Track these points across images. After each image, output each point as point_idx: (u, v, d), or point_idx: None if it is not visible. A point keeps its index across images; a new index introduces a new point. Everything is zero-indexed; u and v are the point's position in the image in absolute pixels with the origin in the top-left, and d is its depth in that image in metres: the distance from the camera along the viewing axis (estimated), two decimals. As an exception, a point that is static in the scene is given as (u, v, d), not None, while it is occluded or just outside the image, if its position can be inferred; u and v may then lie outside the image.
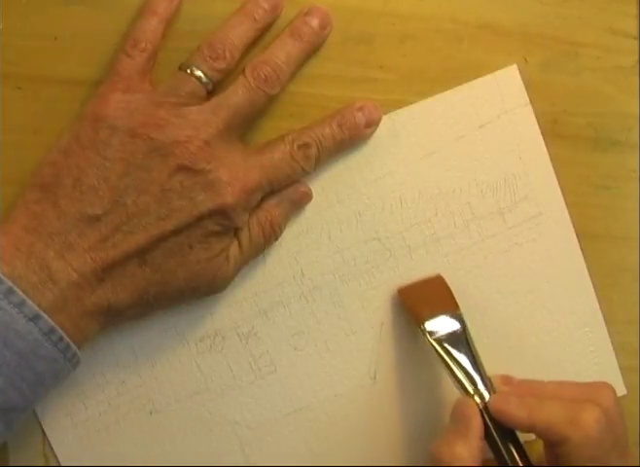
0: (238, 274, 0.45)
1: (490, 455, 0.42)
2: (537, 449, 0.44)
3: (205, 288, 0.43)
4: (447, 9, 0.47)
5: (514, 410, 0.41)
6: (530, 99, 0.47)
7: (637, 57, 0.48)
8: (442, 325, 0.44)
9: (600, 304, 0.49)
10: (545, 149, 0.48)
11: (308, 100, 0.46)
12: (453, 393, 0.47)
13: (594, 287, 0.49)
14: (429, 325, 0.44)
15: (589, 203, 0.49)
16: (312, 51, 0.45)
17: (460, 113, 0.47)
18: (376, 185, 0.47)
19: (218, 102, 0.41)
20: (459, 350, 0.43)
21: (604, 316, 0.49)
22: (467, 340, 0.44)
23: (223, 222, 0.41)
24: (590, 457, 0.39)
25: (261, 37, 0.45)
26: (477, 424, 0.41)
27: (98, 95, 0.42)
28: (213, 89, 0.42)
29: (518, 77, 0.47)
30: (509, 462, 0.41)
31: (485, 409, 0.41)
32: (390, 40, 0.46)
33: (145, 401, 0.46)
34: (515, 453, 0.41)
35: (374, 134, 0.46)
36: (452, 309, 0.45)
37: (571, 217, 0.48)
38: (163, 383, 0.46)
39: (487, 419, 0.41)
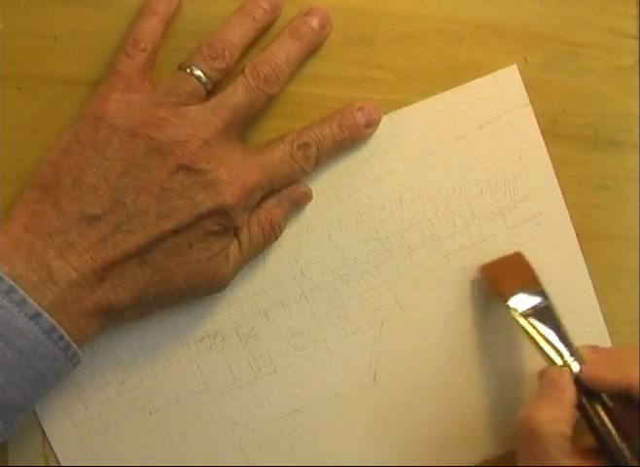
0: (238, 274, 0.45)
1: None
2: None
3: (205, 288, 0.43)
4: (447, 9, 0.47)
5: (607, 373, 0.42)
6: (530, 99, 0.47)
7: (637, 57, 0.48)
8: (525, 300, 0.45)
9: (600, 304, 0.49)
10: (545, 149, 0.48)
11: (308, 100, 0.46)
12: (453, 392, 0.48)
13: (594, 287, 0.49)
14: (513, 301, 0.44)
15: (589, 203, 0.49)
16: (312, 50, 0.45)
17: (460, 113, 0.47)
18: (376, 185, 0.47)
19: (218, 102, 0.41)
20: (545, 324, 0.44)
21: (604, 316, 0.49)
22: (552, 313, 0.44)
23: (222, 221, 0.41)
24: None
25: (261, 37, 0.45)
26: (571, 392, 0.42)
27: (98, 95, 0.42)
28: (213, 89, 0.42)
29: (518, 77, 0.47)
30: (601, 429, 0.41)
31: (576, 378, 0.42)
32: (390, 40, 0.46)
33: (145, 401, 0.46)
34: (608, 420, 0.41)
35: (374, 134, 0.46)
36: (535, 285, 0.45)
37: (571, 217, 0.48)
38: (163, 383, 0.46)
39: (579, 388, 0.42)
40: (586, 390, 0.42)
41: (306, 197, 0.46)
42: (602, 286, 0.49)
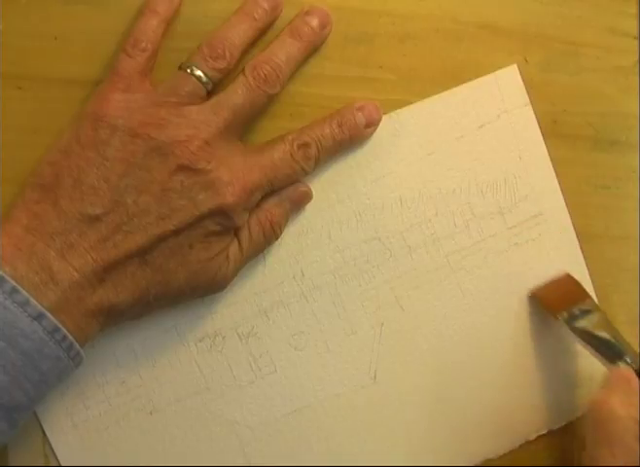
0: (238, 274, 0.45)
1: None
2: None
3: (205, 287, 0.43)
4: (447, 9, 0.47)
5: None
6: (530, 99, 0.47)
7: (637, 57, 0.48)
8: (579, 315, 0.46)
9: (600, 304, 0.49)
10: (545, 149, 0.48)
11: (308, 100, 0.46)
12: (453, 392, 0.47)
13: (594, 287, 0.49)
14: (568, 317, 0.46)
15: (589, 203, 0.49)
16: (312, 50, 0.45)
17: (460, 113, 0.47)
18: (376, 185, 0.47)
19: (218, 101, 0.42)
20: (601, 333, 0.45)
21: (604, 316, 0.49)
22: (605, 322, 0.46)
23: (223, 222, 0.41)
24: None
25: (261, 37, 0.45)
26: (637, 382, 0.43)
27: (98, 95, 0.41)
28: (213, 89, 0.43)
29: (518, 77, 0.47)
30: None
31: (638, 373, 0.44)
32: (390, 40, 0.46)
33: (145, 401, 0.46)
34: None
35: (374, 134, 0.46)
36: (585, 299, 0.47)
37: (571, 217, 0.48)
38: (163, 383, 0.46)
39: None
40: None
41: (307, 196, 0.46)
42: (602, 286, 0.49)
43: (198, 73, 0.42)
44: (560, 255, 0.48)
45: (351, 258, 0.47)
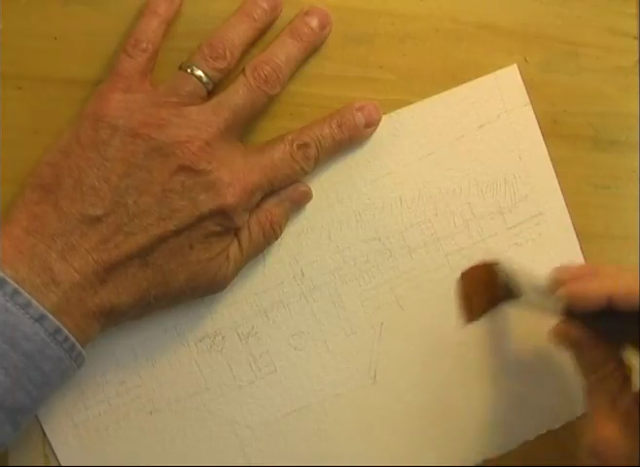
0: (238, 274, 0.45)
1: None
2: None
3: (205, 288, 0.43)
4: (447, 9, 0.47)
5: (591, 288, 0.40)
6: (530, 99, 0.47)
7: (637, 57, 0.48)
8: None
9: (600, 303, 0.49)
10: (545, 149, 0.48)
11: (308, 100, 0.46)
12: (453, 392, 0.47)
13: (594, 287, 0.49)
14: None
15: (589, 203, 0.49)
16: (312, 50, 0.45)
17: (460, 113, 0.47)
18: (376, 185, 0.47)
19: (218, 102, 0.41)
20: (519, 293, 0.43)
21: (604, 316, 0.49)
22: (516, 280, 0.43)
23: (223, 222, 0.41)
24: None
25: (260, 37, 0.45)
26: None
27: (98, 95, 0.41)
28: (213, 89, 0.42)
29: (518, 77, 0.47)
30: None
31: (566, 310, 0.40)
32: (390, 40, 0.46)
33: (145, 401, 0.46)
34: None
35: (374, 134, 0.46)
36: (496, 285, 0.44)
37: (571, 217, 0.48)
38: (163, 383, 0.46)
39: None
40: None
41: (307, 196, 0.46)
42: (602, 286, 0.49)
43: (199, 73, 0.42)
44: (560, 255, 0.48)
45: (351, 258, 0.47)
